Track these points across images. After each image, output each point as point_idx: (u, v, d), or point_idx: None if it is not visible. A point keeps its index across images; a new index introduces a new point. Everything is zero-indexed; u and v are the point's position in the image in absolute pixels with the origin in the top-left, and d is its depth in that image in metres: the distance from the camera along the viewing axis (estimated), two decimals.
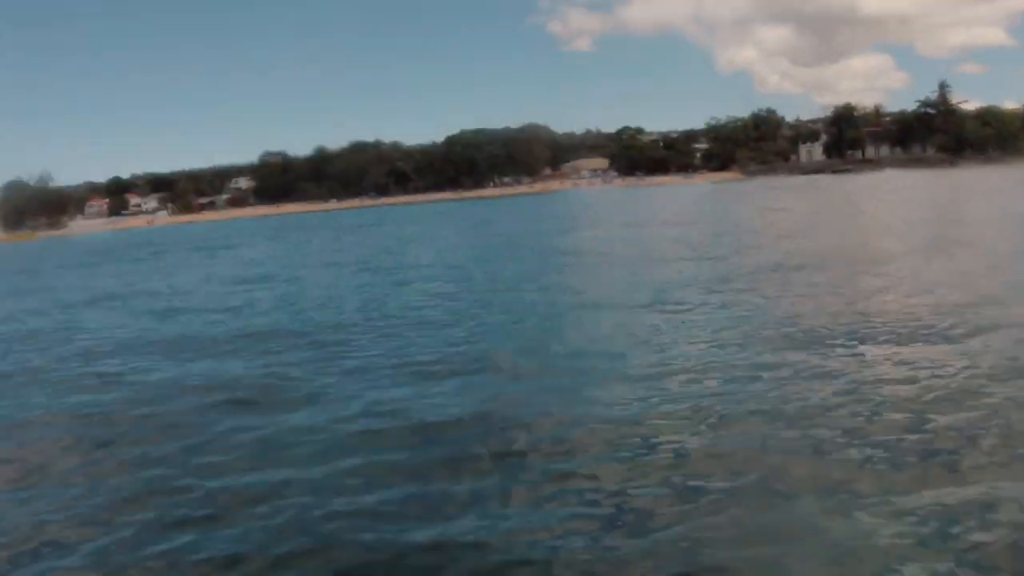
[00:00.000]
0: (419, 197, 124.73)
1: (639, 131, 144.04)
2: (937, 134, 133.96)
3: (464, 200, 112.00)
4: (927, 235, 27.92)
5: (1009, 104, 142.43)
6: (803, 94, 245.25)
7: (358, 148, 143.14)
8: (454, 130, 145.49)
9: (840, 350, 11.27)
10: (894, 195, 54.61)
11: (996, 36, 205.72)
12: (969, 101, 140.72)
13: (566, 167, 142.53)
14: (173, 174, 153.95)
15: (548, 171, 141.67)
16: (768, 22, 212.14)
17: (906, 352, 10.75)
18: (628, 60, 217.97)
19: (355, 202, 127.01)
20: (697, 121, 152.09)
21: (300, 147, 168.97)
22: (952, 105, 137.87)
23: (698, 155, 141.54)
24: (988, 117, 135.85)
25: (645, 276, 20.90)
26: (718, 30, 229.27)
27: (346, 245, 44.68)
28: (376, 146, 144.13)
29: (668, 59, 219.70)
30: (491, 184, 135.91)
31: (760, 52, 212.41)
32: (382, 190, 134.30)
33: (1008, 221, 31.51)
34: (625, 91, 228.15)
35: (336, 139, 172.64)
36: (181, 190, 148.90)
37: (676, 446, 7.66)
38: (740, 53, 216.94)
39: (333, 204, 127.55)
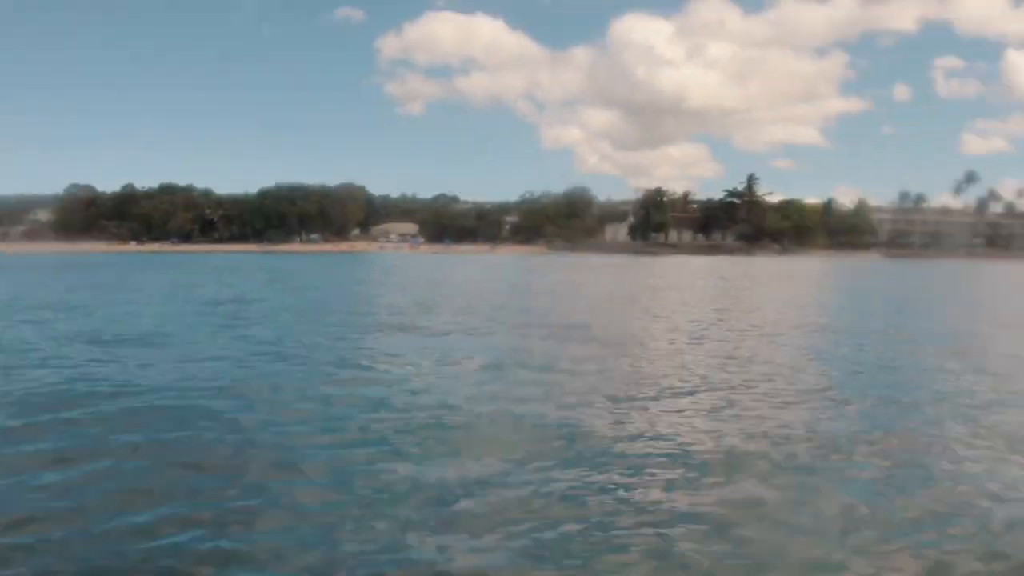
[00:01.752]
0: (221, 247, 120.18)
1: (455, 199, 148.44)
2: (739, 223, 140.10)
3: (266, 253, 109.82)
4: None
5: (811, 199, 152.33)
6: (621, 176, 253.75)
7: (167, 190, 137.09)
8: (272, 181, 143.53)
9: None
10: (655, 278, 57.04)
11: (810, 135, 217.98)
12: (774, 194, 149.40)
13: (376, 230, 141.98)
14: None
15: (357, 231, 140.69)
16: (596, 105, 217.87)
17: None
18: (457, 128, 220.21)
19: (155, 246, 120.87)
20: (514, 194, 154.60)
21: (110, 183, 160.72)
22: (757, 197, 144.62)
23: (507, 227, 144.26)
24: (788, 210, 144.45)
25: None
26: (547, 108, 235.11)
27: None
28: (187, 190, 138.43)
29: (496, 131, 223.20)
30: (298, 240, 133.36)
31: (585, 133, 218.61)
32: (186, 236, 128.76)
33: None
34: (450, 158, 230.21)
35: (150, 180, 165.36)
36: None
37: None
38: (566, 132, 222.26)
39: (132, 246, 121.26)
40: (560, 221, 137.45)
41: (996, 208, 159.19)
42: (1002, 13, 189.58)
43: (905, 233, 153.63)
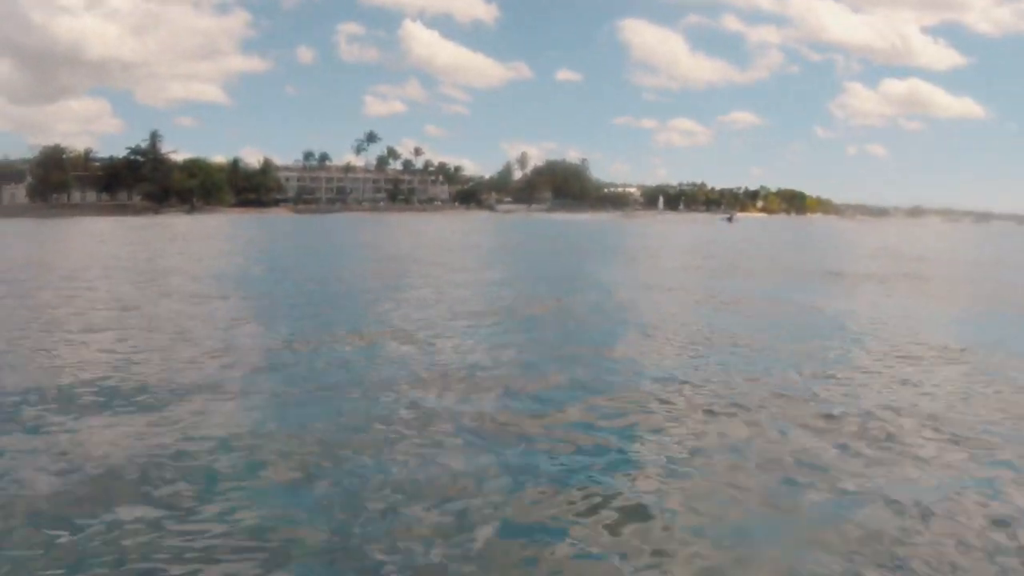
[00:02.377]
0: None
1: None
2: (145, 182, 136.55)
3: None
4: None
5: (218, 158, 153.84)
6: (16, 132, 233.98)
7: None
8: None
9: None
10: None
11: (213, 93, 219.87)
12: (178, 152, 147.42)
13: None
14: None
15: None
16: None
17: None
18: None
19: None
20: None
21: None
22: (162, 155, 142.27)
23: None
24: (195, 168, 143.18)
25: None
26: None
27: None
28: None
29: None
30: None
31: None
32: None
33: None
34: None
35: None
36: None
37: None
38: None
39: None
40: None
41: (396, 165, 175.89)
42: None
43: (311, 190, 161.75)
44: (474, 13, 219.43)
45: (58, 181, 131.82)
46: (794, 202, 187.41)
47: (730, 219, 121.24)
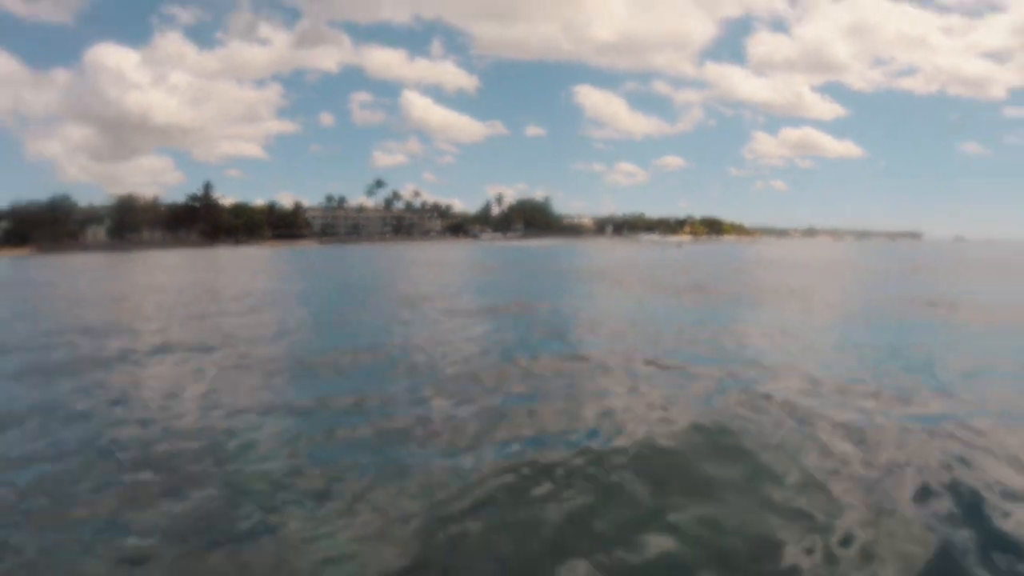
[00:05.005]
0: None
1: None
2: (200, 222, 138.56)
3: None
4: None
5: (259, 202, 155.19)
6: (99, 184, 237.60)
7: None
8: None
9: None
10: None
11: (254, 151, 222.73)
12: (227, 197, 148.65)
13: None
14: None
15: None
16: (77, 120, 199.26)
17: None
18: None
19: None
20: (3, 202, 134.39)
21: None
22: (214, 200, 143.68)
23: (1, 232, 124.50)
24: (240, 211, 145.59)
25: None
26: (32, 123, 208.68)
27: None
28: None
29: None
30: None
31: (65, 146, 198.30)
32: None
33: None
34: None
35: None
36: None
37: None
38: (47, 146, 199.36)
39: None
40: (47, 227, 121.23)
41: (399, 205, 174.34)
42: (400, 62, 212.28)
43: (332, 226, 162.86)
44: (459, 83, 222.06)
45: (131, 223, 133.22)
46: (714, 227, 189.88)
47: (679, 245, 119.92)
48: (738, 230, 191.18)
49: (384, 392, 9.09)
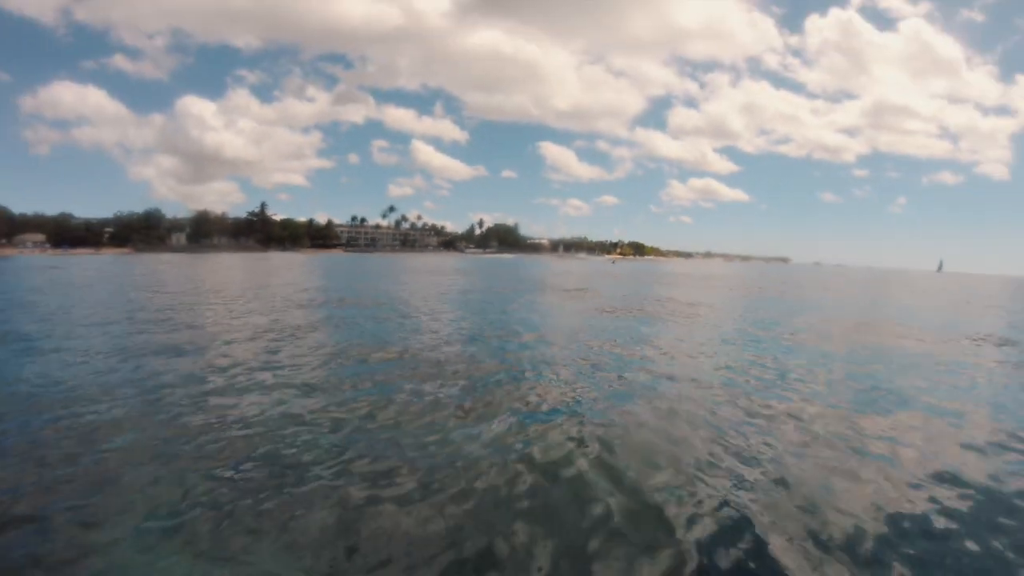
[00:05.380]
0: None
1: (70, 216, 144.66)
2: (257, 233, 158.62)
3: None
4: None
5: (301, 218, 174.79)
6: (182, 202, 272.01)
7: None
8: None
9: None
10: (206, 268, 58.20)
11: (299, 180, 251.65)
12: (277, 214, 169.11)
13: (16, 239, 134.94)
14: None
15: (3, 241, 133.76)
16: (167, 152, 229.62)
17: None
18: (72, 165, 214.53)
19: None
20: (111, 212, 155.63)
21: None
22: (268, 216, 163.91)
23: (107, 236, 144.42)
24: (287, 225, 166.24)
25: None
26: (133, 153, 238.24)
27: None
28: None
29: (99, 167, 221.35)
30: None
31: (157, 171, 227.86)
32: None
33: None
34: (69, 185, 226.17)
35: None
36: None
37: None
38: (144, 171, 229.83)
39: None
40: (142, 232, 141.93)
41: (406, 225, 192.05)
42: (411, 119, 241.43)
43: (355, 239, 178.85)
44: (454, 136, 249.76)
45: (205, 231, 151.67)
46: (638, 249, 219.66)
47: (613, 262, 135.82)
48: (656, 252, 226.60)
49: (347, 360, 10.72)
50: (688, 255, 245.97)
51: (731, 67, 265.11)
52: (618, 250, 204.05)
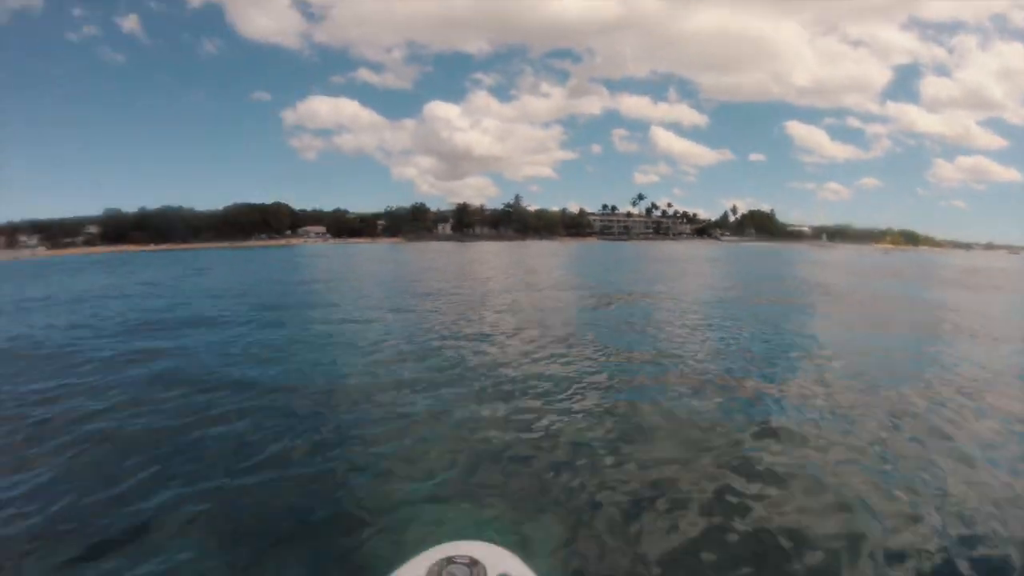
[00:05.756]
0: (209, 244, 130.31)
1: (345, 211, 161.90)
2: (513, 223, 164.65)
3: (236, 248, 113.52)
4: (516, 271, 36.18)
5: (553, 208, 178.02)
6: (442, 196, 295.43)
7: (168, 209, 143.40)
8: (231, 201, 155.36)
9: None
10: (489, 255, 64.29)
11: (547, 172, 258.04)
12: (531, 206, 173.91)
13: (301, 230, 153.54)
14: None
15: (289, 232, 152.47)
16: (423, 153, 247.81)
17: None
18: (339, 167, 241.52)
19: (166, 245, 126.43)
20: (379, 207, 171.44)
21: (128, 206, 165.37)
22: (522, 207, 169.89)
23: (380, 227, 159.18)
24: (541, 215, 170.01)
25: None
26: (394, 156, 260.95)
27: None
28: (178, 210, 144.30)
29: (364, 169, 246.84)
30: (253, 239, 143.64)
31: (418, 170, 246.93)
32: (184, 238, 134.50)
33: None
34: (340, 187, 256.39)
35: (145, 202, 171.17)
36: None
37: None
38: (405, 170, 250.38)
39: (152, 246, 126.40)
40: (410, 224, 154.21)
41: (656, 213, 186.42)
42: (646, 106, 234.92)
43: (608, 227, 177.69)
44: (693, 121, 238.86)
45: (467, 223, 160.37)
46: (911, 238, 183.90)
47: (886, 252, 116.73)
48: (929, 242, 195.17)
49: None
50: (967, 246, 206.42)
51: (976, 27, 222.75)
52: (888, 239, 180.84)
